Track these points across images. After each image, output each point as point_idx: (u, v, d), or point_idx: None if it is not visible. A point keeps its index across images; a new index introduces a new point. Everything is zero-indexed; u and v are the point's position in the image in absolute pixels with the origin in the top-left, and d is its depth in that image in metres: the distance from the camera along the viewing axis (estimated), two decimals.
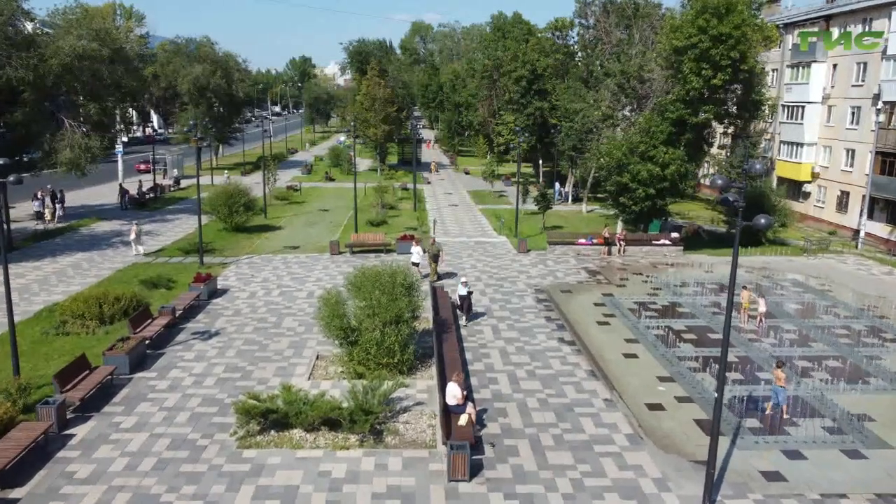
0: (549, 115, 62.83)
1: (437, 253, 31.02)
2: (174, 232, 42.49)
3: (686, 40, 33.58)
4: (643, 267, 34.49)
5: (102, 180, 65.41)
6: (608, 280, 31.63)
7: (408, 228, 44.58)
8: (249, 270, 32.77)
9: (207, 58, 76.72)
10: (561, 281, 31.37)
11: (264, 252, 36.95)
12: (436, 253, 30.97)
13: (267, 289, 29.59)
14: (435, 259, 30.92)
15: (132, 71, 46.01)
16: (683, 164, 36.22)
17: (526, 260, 35.49)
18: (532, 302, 28.00)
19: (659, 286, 30.73)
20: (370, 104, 76.09)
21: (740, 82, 34.43)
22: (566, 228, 46.72)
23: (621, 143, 37.53)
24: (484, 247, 38.88)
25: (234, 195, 40.93)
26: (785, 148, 60.37)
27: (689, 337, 24.05)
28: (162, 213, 49.76)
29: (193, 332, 23.77)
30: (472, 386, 19.59)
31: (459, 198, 61.63)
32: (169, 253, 36.41)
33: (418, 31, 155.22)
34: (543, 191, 46.97)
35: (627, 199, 37.28)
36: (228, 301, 27.68)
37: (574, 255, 36.64)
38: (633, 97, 42.12)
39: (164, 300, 27.04)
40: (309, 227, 44.67)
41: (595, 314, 26.38)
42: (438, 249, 31.28)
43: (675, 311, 27.03)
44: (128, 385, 19.25)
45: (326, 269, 33.25)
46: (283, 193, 58.73)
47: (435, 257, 30.92)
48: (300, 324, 24.70)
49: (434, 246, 31.22)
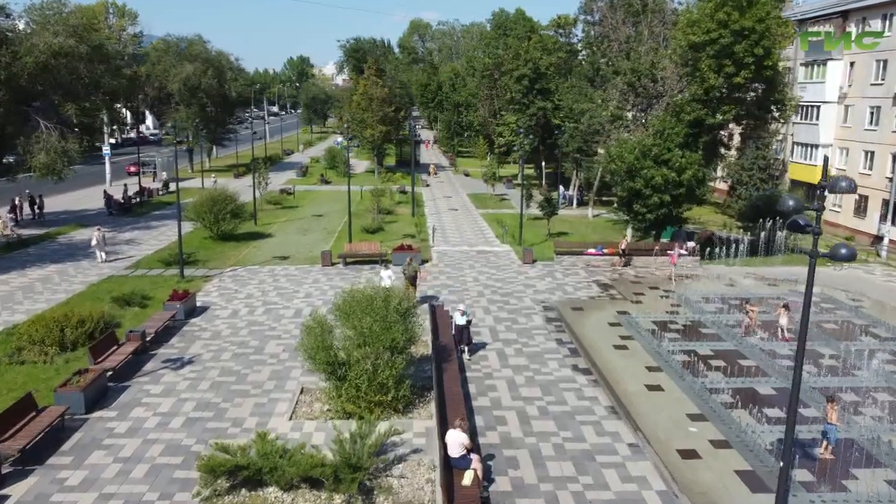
0: (551, 115, 60.44)
1: (413, 274, 27.13)
2: (158, 240, 39.99)
3: (704, 35, 31.16)
4: (658, 280, 32.04)
5: (89, 183, 63.10)
6: (622, 295, 29.17)
7: (405, 236, 42.15)
8: (233, 285, 30.30)
9: (199, 56, 74.26)
10: (571, 296, 28.91)
11: (251, 263, 34.47)
12: (412, 274, 27.08)
13: (251, 306, 27.10)
14: (412, 281, 26.90)
15: (113, 69, 43.44)
16: (701, 168, 33.81)
17: (532, 272, 33.03)
18: (541, 321, 25.53)
19: (678, 302, 28.28)
20: (367, 104, 73.66)
21: (764, 80, 31.94)
22: (572, 235, 44.28)
23: (633, 145, 35.07)
24: (486, 257, 36.41)
25: (219, 201, 38.43)
26: (798, 149, 57.98)
27: (717, 364, 21.58)
28: (146, 220, 47.26)
29: (165, 360, 21.29)
30: (478, 427, 17.14)
31: (459, 201, 59.20)
32: (148, 264, 33.92)
33: (417, 29, 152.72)
34: (548, 196, 44.51)
35: (640, 207, 34.83)
36: (207, 321, 25.19)
37: (583, 266, 34.18)
38: (645, 97, 39.70)
39: (137, 321, 24.58)
40: (301, 235, 42.19)
41: (611, 336, 23.92)
42: (416, 270, 27.36)
43: (699, 331, 24.56)
44: (82, 428, 16.76)
45: (317, 282, 30.77)
46: (276, 198, 56.28)
47: (412, 279, 26.99)
48: (284, 349, 22.21)
49: (411, 266, 27.29)
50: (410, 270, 27.25)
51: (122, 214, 49.08)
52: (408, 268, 27.41)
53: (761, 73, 31.31)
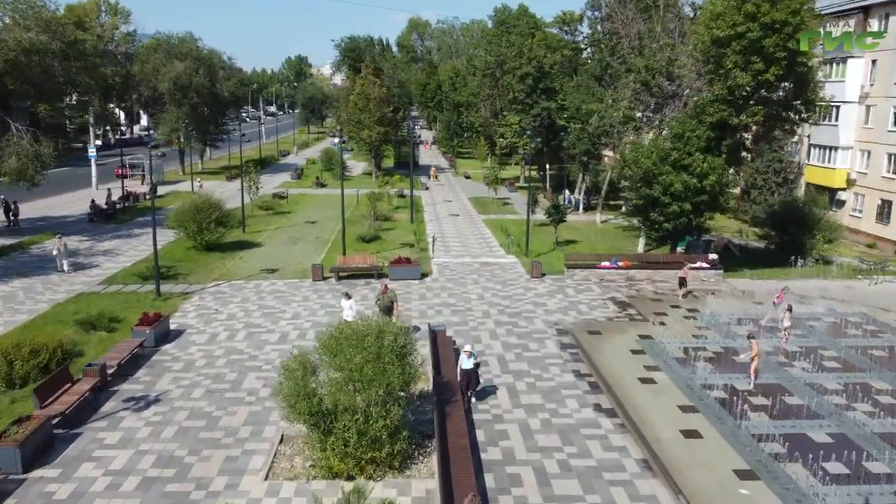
0: (556, 116, 57.81)
1: (389, 304, 23.00)
2: (138, 250, 37.24)
3: (730, 29, 28.44)
4: (679, 296, 29.31)
5: (75, 187, 60.35)
6: (642, 315, 26.45)
7: (403, 245, 39.47)
8: (214, 303, 27.57)
9: (189, 55, 71.53)
10: (586, 317, 26.18)
11: (236, 277, 31.74)
12: (388, 304, 22.98)
13: (231, 330, 24.37)
14: (388, 312, 22.66)
15: (90, 67, 40.66)
16: (724, 173, 31.13)
17: (541, 287, 30.31)
18: (555, 348, 22.81)
19: (705, 324, 25.56)
20: (364, 104, 70.89)
21: (796, 78, 29.21)
22: (581, 244, 41.63)
23: (649, 149, 32.37)
24: (491, 269, 33.67)
25: (203, 209, 35.65)
26: (816, 152, 55.34)
27: (759, 402, 18.88)
28: (129, 227, 44.49)
29: (127, 399, 18.57)
30: (487, 489, 14.44)
31: (460, 206, 56.51)
32: (124, 279, 31.18)
33: (415, 27, 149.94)
34: (556, 202, 41.83)
35: (657, 215, 32.12)
36: (181, 348, 22.46)
37: (597, 280, 31.45)
38: (660, 96, 36.99)
39: (102, 348, 21.88)
40: (292, 245, 39.45)
41: (635, 366, 21.22)
42: (392, 300, 23.11)
43: (733, 360, 21.83)
44: (15, 493, 14.03)
45: (306, 300, 28.05)
46: (268, 202, 53.53)
47: (388, 310, 22.80)
48: (265, 383, 19.48)
49: (386, 296, 23.16)
50: (385, 300, 23.09)
51: (105, 221, 46.31)
52: (382, 297, 23.27)
53: (793, 70, 28.55)
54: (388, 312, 22.70)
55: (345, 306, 22.97)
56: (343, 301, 23.31)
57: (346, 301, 23.13)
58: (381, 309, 22.91)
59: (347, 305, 22.94)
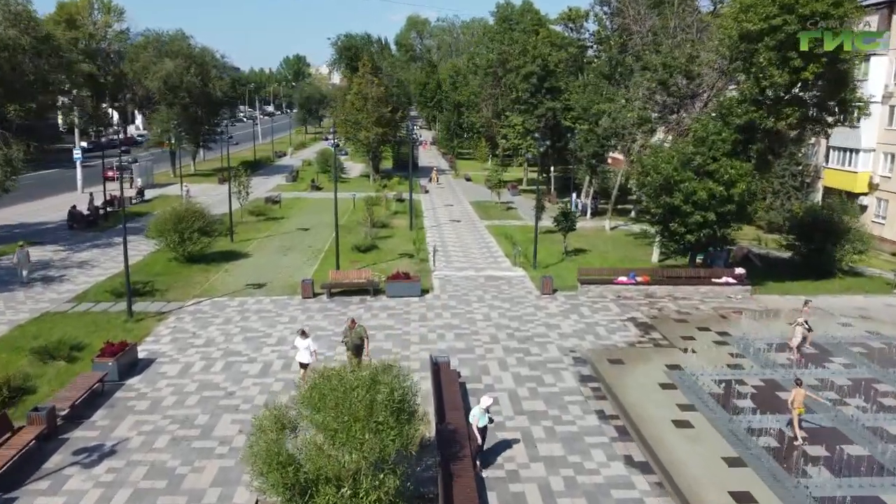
0: (561, 116, 55.22)
1: (359, 343, 19.51)
2: (117, 261, 34.30)
3: (762, 23, 25.75)
4: (706, 316, 26.63)
5: (61, 190, 57.68)
6: (668, 340, 23.75)
7: (402, 255, 36.81)
8: (192, 325, 24.87)
9: (180, 53, 68.87)
10: (605, 342, 23.50)
11: (219, 293, 29.06)
12: (358, 343, 19.50)
13: (208, 358, 21.68)
14: (357, 352, 19.41)
15: (66, 64, 37.94)
16: (753, 181, 28.48)
17: (553, 306, 27.61)
18: (573, 381, 20.13)
19: (739, 350, 22.87)
20: (362, 104, 68.17)
21: (834, 76, 26.53)
22: (590, 253, 38.99)
23: (670, 154, 29.71)
24: (497, 284, 30.96)
25: (185, 218, 32.95)
26: (835, 154, 52.73)
27: (816, 452, 16.20)
28: (110, 235, 41.74)
29: (78, 450, 15.86)
30: None
31: (461, 211, 53.85)
32: (96, 295, 28.49)
33: (414, 25, 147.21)
34: (566, 209, 39.15)
35: (679, 226, 29.45)
36: (148, 382, 19.77)
37: (613, 297, 28.76)
38: (678, 96, 34.36)
39: (59, 383, 19.23)
40: (282, 255, 36.75)
41: (666, 405, 18.54)
42: (361, 336, 19.56)
43: (777, 397, 19.15)
44: None
45: (294, 321, 25.32)
46: (260, 207, 50.82)
47: (357, 349, 19.46)
48: (241, 428, 16.77)
49: (355, 331, 19.53)
50: (355, 337, 19.50)
51: (86, 228, 43.60)
52: (349, 333, 19.62)
53: (835, 67, 25.87)
54: (358, 352, 19.37)
55: (300, 346, 19.08)
56: (298, 340, 19.28)
57: (302, 340, 19.14)
58: (350, 348, 19.54)
59: (304, 345, 19.02)
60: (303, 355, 19.06)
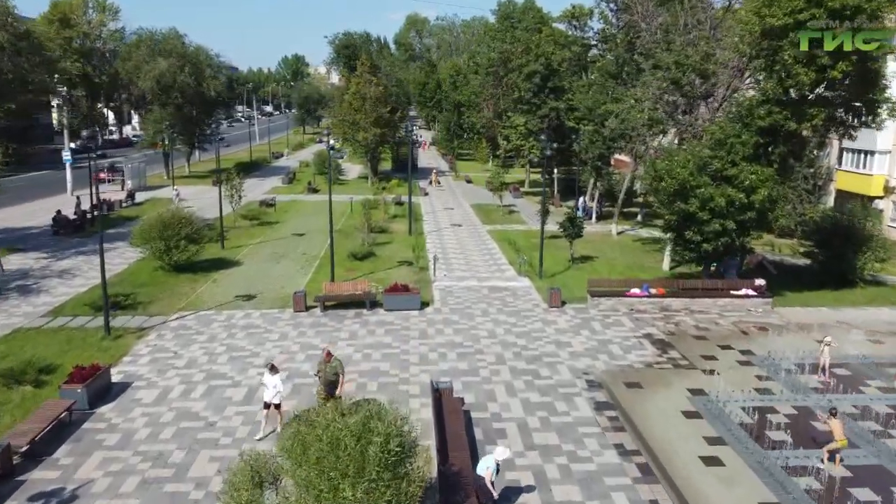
0: (565, 117, 53.44)
1: (334, 379, 17.04)
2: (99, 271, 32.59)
3: (787, 18, 23.98)
4: (727, 332, 24.84)
5: (50, 193, 55.85)
6: (687, 360, 21.97)
7: (401, 263, 35.06)
8: (174, 343, 23.09)
9: (173, 52, 67.09)
10: (620, 362, 21.71)
11: (206, 306, 27.28)
12: (332, 379, 17.03)
13: (188, 382, 19.91)
14: (331, 389, 16.99)
15: (47, 62, 36.15)
16: (775, 186, 26.71)
17: (562, 321, 25.82)
18: (588, 410, 18.35)
19: (766, 372, 21.08)
20: (360, 104, 66.36)
21: (863, 75, 24.73)
22: (598, 261, 37.24)
23: (686, 158, 27.94)
24: (502, 296, 29.15)
25: (171, 225, 31.16)
26: (849, 156, 51.13)
27: (864, 496, 14.41)
28: (96, 241, 39.29)
29: (34, 496, 14.07)
30: None
31: (462, 214, 52.09)
32: (73, 309, 26.69)
33: (414, 24, 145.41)
34: (572, 214, 37.39)
35: (694, 234, 27.68)
36: (121, 411, 17.99)
37: (626, 311, 26.97)
38: (692, 96, 32.60)
39: (22, 412, 17.46)
40: (275, 263, 34.96)
41: (692, 437, 16.77)
42: (337, 372, 17.09)
43: (814, 427, 17.36)
44: None
45: (284, 338, 23.56)
46: (254, 211, 49.02)
47: (331, 386, 17.02)
48: (219, 469, 14.99)
49: (330, 365, 17.06)
50: (329, 372, 17.00)
51: (71, 234, 41.79)
52: (324, 367, 17.09)
53: (864, 65, 24.09)
54: (331, 389, 17.01)
55: (268, 384, 16.73)
56: (266, 376, 16.90)
57: (271, 377, 16.75)
58: (324, 384, 17.03)
59: (272, 383, 16.66)
60: (269, 394, 16.69)
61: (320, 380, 17.19)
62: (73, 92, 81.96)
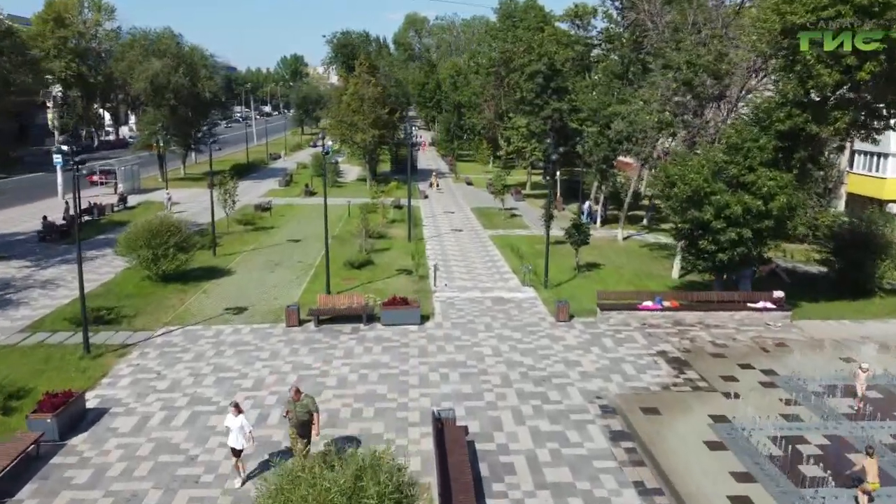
0: (568, 118, 52.05)
1: (306, 419, 14.95)
2: (85, 280, 30.84)
3: (810, 15, 22.56)
4: (746, 349, 23.38)
5: (41, 196, 54.40)
6: (706, 382, 20.51)
7: (399, 271, 33.64)
8: (158, 363, 21.64)
9: (168, 52, 65.59)
10: (635, 384, 20.26)
11: (194, 320, 25.84)
12: (304, 419, 14.94)
13: (170, 408, 18.47)
14: (303, 431, 14.97)
15: (30, 63, 34.66)
16: (794, 193, 25.30)
17: (571, 336, 24.36)
18: (603, 440, 16.89)
19: (792, 395, 19.62)
20: (358, 105, 64.88)
21: (889, 76, 23.30)
22: (605, 268, 35.88)
23: (699, 163, 26.51)
24: (506, 309, 27.68)
25: (159, 233, 29.72)
26: (861, 159, 49.88)
27: None
28: (85, 248, 38.17)
29: None
30: None
31: (463, 218, 50.67)
32: (53, 324, 25.25)
33: (413, 24, 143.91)
34: (577, 220, 35.97)
35: (709, 243, 26.24)
36: (95, 442, 16.54)
37: (638, 325, 25.53)
38: (705, 97, 31.20)
39: None
40: (268, 272, 33.50)
41: (718, 472, 15.33)
42: (310, 411, 14.95)
43: (850, 462, 15.87)
44: None
45: (275, 357, 22.11)
46: (249, 216, 47.56)
47: (304, 427, 14.96)
48: None
49: (301, 404, 14.93)
50: (300, 412, 14.88)
51: (59, 240, 40.31)
52: (294, 406, 14.96)
53: (893, 65, 22.63)
54: (304, 431, 14.93)
55: (232, 427, 14.65)
56: (228, 418, 14.86)
57: (234, 418, 14.71)
58: (294, 425, 14.95)
59: (236, 426, 14.62)
60: (233, 439, 14.62)
61: (290, 421, 15.02)
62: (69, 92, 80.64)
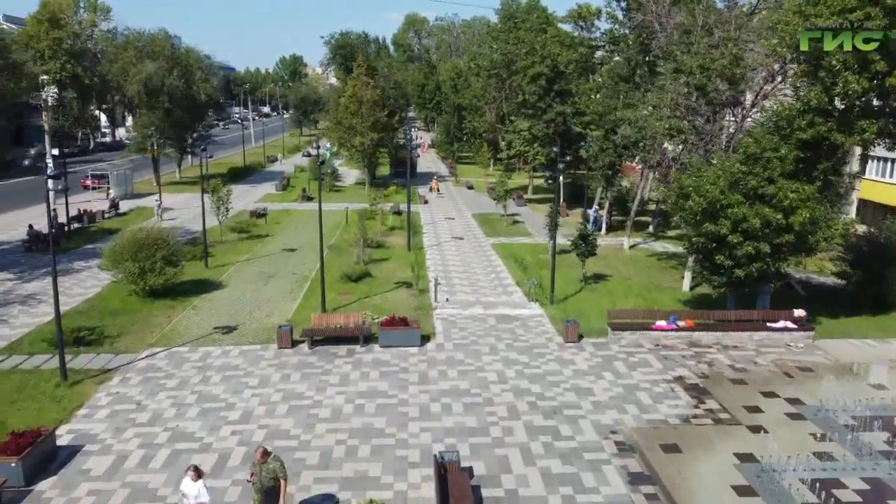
0: (571, 121, 50.67)
1: (272, 485, 13.09)
2: (70, 295, 29.72)
3: (836, 18, 21.14)
4: (768, 375, 21.90)
5: (33, 201, 52.85)
6: (729, 413, 19.04)
7: (398, 284, 32.23)
8: (139, 390, 20.18)
9: (162, 54, 64.14)
10: (652, 415, 18.81)
11: (181, 340, 24.38)
12: (270, 486, 13.09)
13: (149, 444, 17.00)
14: (269, 499, 13.15)
15: (11, 67, 33.20)
16: (817, 207, 23.87)
17: (581, 360, 22.91)
18: (620, 484, 15.44)
19: (822, 428, 18.17)
20: (356, 108, 63.42)
21: None
22: (612, 279, 34.56)
23: (716, 173, 25.09)
24: (511, 328, 26.21)
25: (146, 246, 28.28)
26: (874, 164, 48.48)
27: None
28: (71, 259, 37.04)
29: None
30: None
31: (464, 225, 49.28)
32: (31, 345, 23.75)
33: (413, 24, 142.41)
34: (583, 231, 34.56)
35: (725, 258, 24.81)
36: (64, 487, 15.08)
37: (651, 346, 24.09)
38: (719, 103, 29.78)
39: None
40: (262, 285, 32.05)
41: None
42: (275, 476, 13.10)
43: None
44: None
45: (264, 385, 20.65)
46: (243, 223, 46.08)
47: (269, 494, 13.12)
48: None
49: (267, 468, 13.08)
50: (265, 476, 13.07)
51: (46, 250, 38.69)
52: (259, 469, 13.12)
53: None
54: (271, 498, 13.15)
55: (188, 494, 12.93)
56: (185, 482, 13.08)
57: (192, 484, 12.95)
58: (258, 491, 13.14)
59: (193, 493, 12.91)
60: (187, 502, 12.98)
61: (254, 486, 13.17)
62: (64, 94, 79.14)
